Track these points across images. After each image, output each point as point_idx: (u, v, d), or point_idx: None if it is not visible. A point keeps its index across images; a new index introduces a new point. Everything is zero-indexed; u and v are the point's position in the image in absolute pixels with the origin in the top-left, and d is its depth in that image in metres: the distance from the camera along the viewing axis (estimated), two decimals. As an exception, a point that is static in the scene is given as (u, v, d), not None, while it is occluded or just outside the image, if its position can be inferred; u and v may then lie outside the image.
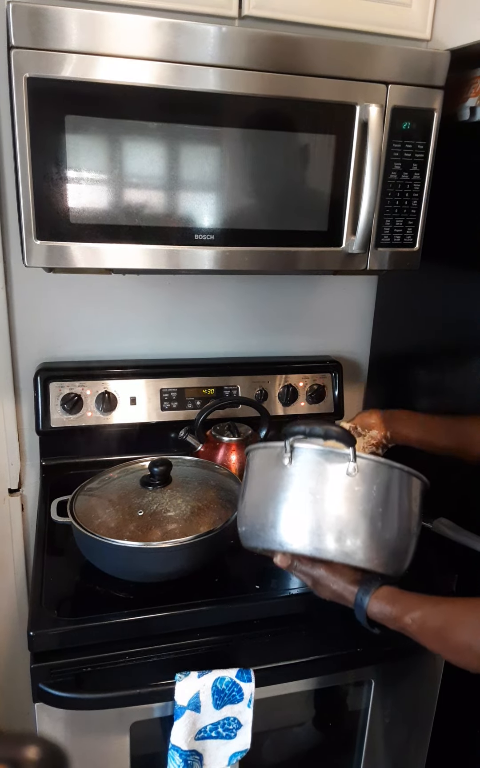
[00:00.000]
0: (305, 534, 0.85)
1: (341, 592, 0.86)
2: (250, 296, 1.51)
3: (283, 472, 0.88)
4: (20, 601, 1.49)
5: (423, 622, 0.79)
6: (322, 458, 0.87)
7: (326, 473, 0.87)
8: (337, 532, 0.84)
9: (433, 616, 0.79)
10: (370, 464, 0.87)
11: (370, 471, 0.87)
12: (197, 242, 1.06)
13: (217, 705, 0.95)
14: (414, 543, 0.91)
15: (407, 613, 0.80)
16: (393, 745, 1.20)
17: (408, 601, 0.82)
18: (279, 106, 1.03)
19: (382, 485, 0.87)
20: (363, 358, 1.66)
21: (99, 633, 0.94)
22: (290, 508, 0.87)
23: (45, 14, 0.90)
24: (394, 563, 0.88)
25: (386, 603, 0.82)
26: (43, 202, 0.98)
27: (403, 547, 0.89)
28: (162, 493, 1.06)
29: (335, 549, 0.84)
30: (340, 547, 0.84)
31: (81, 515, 1.02)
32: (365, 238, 1.12)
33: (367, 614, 0.83)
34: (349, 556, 0.85)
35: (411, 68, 1.06)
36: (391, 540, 0.87)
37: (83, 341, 1.43)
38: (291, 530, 0.86)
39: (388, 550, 0.86)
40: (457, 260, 1.26)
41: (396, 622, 0.81)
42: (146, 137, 0.99)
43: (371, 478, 0.87)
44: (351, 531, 0.85)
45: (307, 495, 0.86)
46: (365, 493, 0.86)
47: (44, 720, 0.95)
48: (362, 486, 0.86)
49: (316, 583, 0.89)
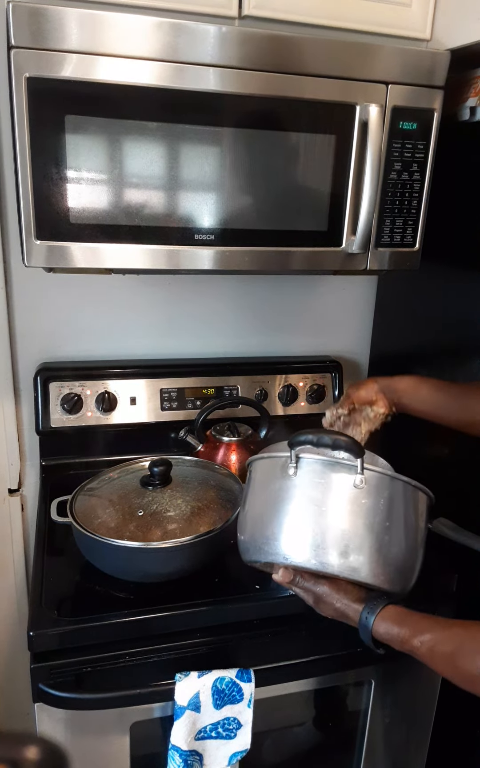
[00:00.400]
0: (309, 547, 0.83)
1: (344, 611, 0.84)
2: (250, 296, 1.51)
3: (287, 484, 0.86)
4: (20, 601, 1.49)
5: (433, 646, 0.76)
6: (328, 469, 0.85)
7: (332, 485, 0.84)
8: (343, 545, 0.82)
9: (445, 640, 0.76)
10: (377, 477, 0.85)
11: (378, 483, 0.85)
12: (197, 242, 1.06)
13: (217, 705, 0.95)
14: (420, 559, 0.89)
15: (416, 636, 0.77)
16: (393, 745, 1.20)
17: (417, 622, 0.79)
18: (279, 106, 1.03)
19: (389, 498, 0.85)
20: (363, 358, 1.66)
21: (99, 633, 0.94)
22: (294, 520, 0.85)
23: (45, 14, 0.90)
24: (400, 580, 0.85)
25: (393, 624, 0.79)
26: (43, 202, 0.98)
27: (409, 564, 0.87)
28: (162, 493, 1.06)
29: (340, 563, 0.82)
30: (344, 562, 0.82)
31: (81, 515, 1.02)
32: (365, 238, 1.12)
33: (373, 635, 0.80)
34: (354, 571, 0.82)
35: (411, 68, 1.06)
36: (398, 555, 0.84)
37: (83, 341, 1.43)
38: (294, 543, 0.84)
39: (394, 566, 0.84)
40: (457, 260, 1.26)
41: (403, 645, 0.78)
42: (146, 137, 0.99)
43: (378, 490, 0.84)
44: (356, 545, 0.82)
45: (312, 507, 0.84)
46: (372, 507, 0.84)
47: (44, 720, 0.95)
48: (369, 499, 0.84)
49: (319, 600, 0.87)
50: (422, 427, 1.40)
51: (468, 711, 1.25)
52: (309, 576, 0.87)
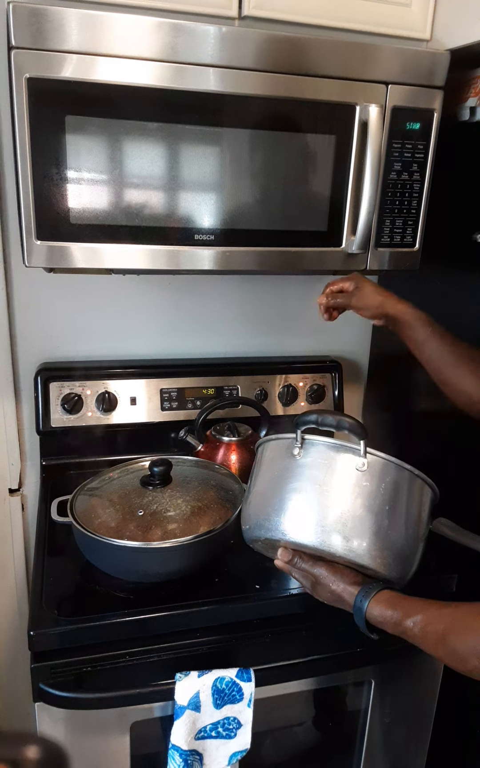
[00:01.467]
0: (310, 525, 0.85)
1: (340, 593, 0.85)
2: (250, 296, 1.51)
3: (292, 463, 0.89)
4: (20, 601, 1.49)
5: (425, 626, 0.76)
6: (332, 451, 0.87)
7: (335, 466, 0.87)
8: (342, 525, 0.84)
9: (436, 619, 0.76)
10: (380, 461, 0.87)
11: (380, 468, 0.87)
12: (197, 242, 1.06)
13: (217, 705, 0.95)
14: (420, 551, 0.90)
15: (408, 617, 0.78)
16: (393, 745, 1.20)
17: (410, 604, 0.79)
18: (279, 106, 1.03)
19: (391, 484, 0.87)
20: (363, 358, 1.66)
21: (99, 633, 0.94)
22: (297, 498, 0.87)
23: (45, 14, 0.90)
24: (398, 566, 0.86)
25: (386, 606, 0.80)
26: (44, 203, 0.98)
27: (408, 551, 0.87)
28: (162, 493, 1.06)
29: (339, 543, 0.84)
30: (344, 542, 0.84)
31: (81, 515, 1.02)
32: (365, 238, 1.12)
33: (367, 618, 0.81)
34: (351, 551, 0.84)
35: (411, 68, 1.07)
36: (396, 540, 0.86)
37: (83, 341, 1.43)
38: (296, 521, 0.86)
39: (393, 551, 0.85)
40: (457, 260, 1.26)
41: (396, 626, 0.79)
42: (146, 137, 0.99)
43: (380, 475, 0.86)
44: (356, 526, 0.84)
45: (315, 487, 0.86)
46: (373, 490, 0.86)
47: (44, 720, 0.95)
48: (371, 482, 0.86)
49: (316, 583, 0.88)
50: (422, 426, 1.40)
51: (468, 711, 1.25)
52: (307, 557, 0.88)
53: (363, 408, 1.69)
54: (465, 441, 1.21)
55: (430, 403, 1.38)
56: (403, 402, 1.47)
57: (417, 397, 1.43)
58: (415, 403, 1.43)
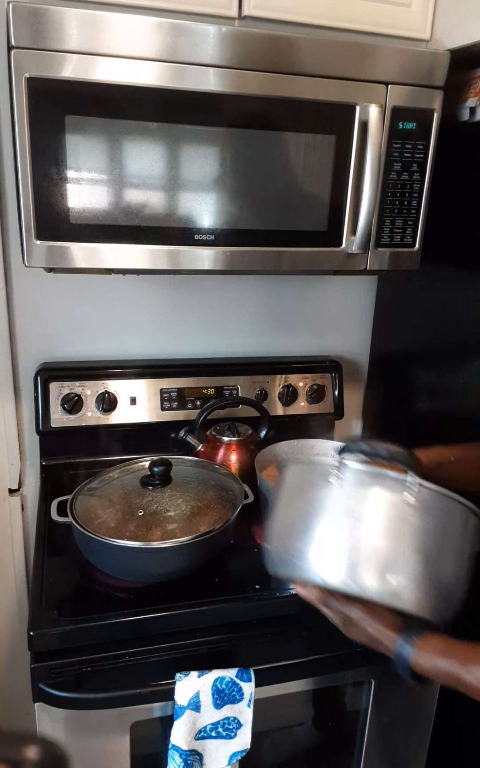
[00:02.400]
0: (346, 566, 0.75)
1: (378, 637, 0.77)
2: (250, 296, 1.51)
3: (327, 493, 0.78)
4: (20, 601, 1.49)
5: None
6: (375, 481, 0.77)
7: (379, 499, 0.76)
8: (385, 567, 0.74)
9: None
10: (432, 494, 0.76)
11: (431, 502, 0.76)
12: (197, 242, 1.06)
13: (217, 705, 0.95)
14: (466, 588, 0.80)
15: (465, 667, 0.70)
16: (393, 745, 1.20)
17: (464, 652, 0.72)
18: (279, 106, 1.03)
19: (441, 519, 0.77)
20: (363, 358, 1.66)
21: (99, 633, 0.94)
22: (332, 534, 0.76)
23: (45, 14, 0.90)
24: (444, 609, 0.77)
25: (437, 654, 0.73)
26: (43, 202, 0.98)
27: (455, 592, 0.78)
28: (162, 493, 1.06)
29: (380, 587, 0.74)
30: (385, 586, 0.74)
31: (81, 515, 1.02)
32: (365, 238, 1.12)
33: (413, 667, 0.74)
34: (395, 597, 0.74)
35: (411, 68, 1.06)
36: (444, 582, 0.76)
37: (83, 341, 1.43)
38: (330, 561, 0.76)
39: (440, 594, 0.76)
40: (457, 260, 1.26)
41: (451, 678, 0.72)
42: (146, 137, 0.99)
43: (430, 509, 0.76)
44: (400, 568, 0.74)
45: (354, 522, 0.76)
46: (421, 526, 0.75)
47: (44, 720, 0.95)
48: (418, 518, 0.75)
49: (349, 623, 0.80)
50: (422, 426, 1.40)
51: (468, 711, 1.25)
52: (341, 597, 0.79)
53: (363, 408, 1.69)
54: (465, 441, 1.21)
55: (430, 403, 1.39)
56: (403, 402, 1.47)
57: (417, 397, 1.43)
58: (415, 403, 1.43)
